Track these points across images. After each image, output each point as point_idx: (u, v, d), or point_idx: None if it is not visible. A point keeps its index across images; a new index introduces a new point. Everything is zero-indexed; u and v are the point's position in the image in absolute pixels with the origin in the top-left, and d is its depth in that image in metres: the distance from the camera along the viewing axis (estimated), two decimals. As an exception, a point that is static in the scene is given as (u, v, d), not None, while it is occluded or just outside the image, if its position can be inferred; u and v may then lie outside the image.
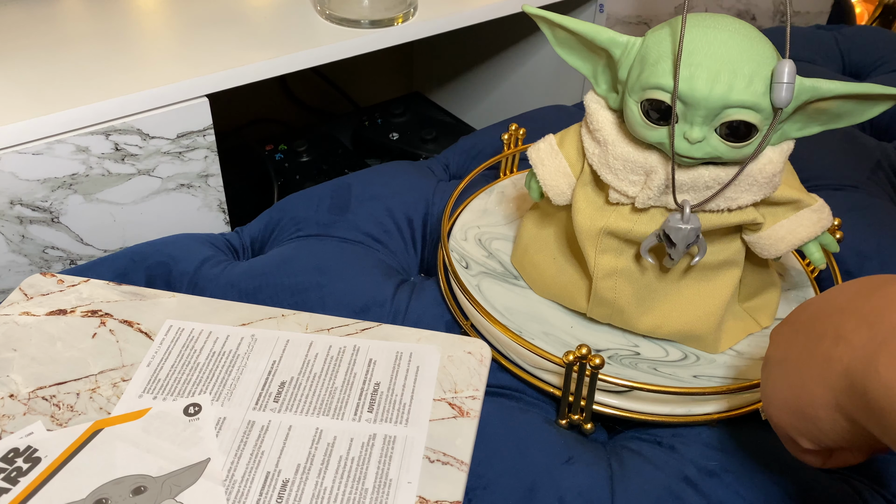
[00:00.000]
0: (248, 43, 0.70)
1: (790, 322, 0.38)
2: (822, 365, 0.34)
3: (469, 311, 0.53)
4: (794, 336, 0.37)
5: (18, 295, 0.50)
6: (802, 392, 0.35)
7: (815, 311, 0.37)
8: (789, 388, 0.36)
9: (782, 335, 0.38)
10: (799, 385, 0.35)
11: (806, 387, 0.35)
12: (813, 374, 0.34)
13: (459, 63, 1.17)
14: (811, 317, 0.36)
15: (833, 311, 0.35)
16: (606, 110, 0.47)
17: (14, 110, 0.58)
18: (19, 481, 0.39)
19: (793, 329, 0.37)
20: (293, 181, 0.93)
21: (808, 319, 0.37)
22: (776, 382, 0.37)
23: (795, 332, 0.37)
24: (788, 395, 0.36)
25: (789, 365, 0.36)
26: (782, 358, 0.37)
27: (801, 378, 0.35)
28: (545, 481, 0.43)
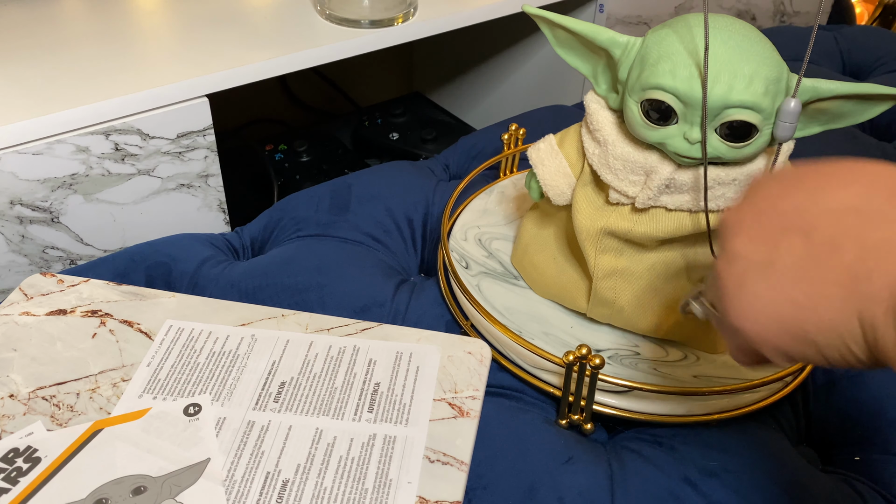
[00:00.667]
0: (248, 43, 0.70)
1: (763, 212, 0.32)
2: (847, 282, 0.28)
3: (469, 311, 0.53)
4: (780, 235, 0.31)
5: (18, 295, 0.50)
6: (811, 313, 0.30)
7: (803, 206, 0.31)
8: (787, 303, 0.30)
9: (757, 228, 0.32)
10: (805, 302, 0.30)
11: (818, 307, 0.29)
12: (831, 293, 0.29)
13: (459, 63, 1.17)
14: (801, 214, 0.31)
15: (837, 212, 0.29)
16: (606, 110, 0.47)
17: (14, 110, 0.58)
18: (19, 481, 0.39)
19: (774, 224, 0.31)
20: (293, 181, 0.93)
21: (797, 216, 0.31)
22: (761, 292, 0.31)
23: (783, 229, 0.31)
24: (785, 311, 0.30)
25: (784, 274, 0.30)
26: (767, 261, 0.31)
27: (810, 294, 0.29)
28: (545, 481, 0.43)
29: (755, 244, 0.32)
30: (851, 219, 0.29)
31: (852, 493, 0.45)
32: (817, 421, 0.51)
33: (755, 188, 0.33)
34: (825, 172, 0.31)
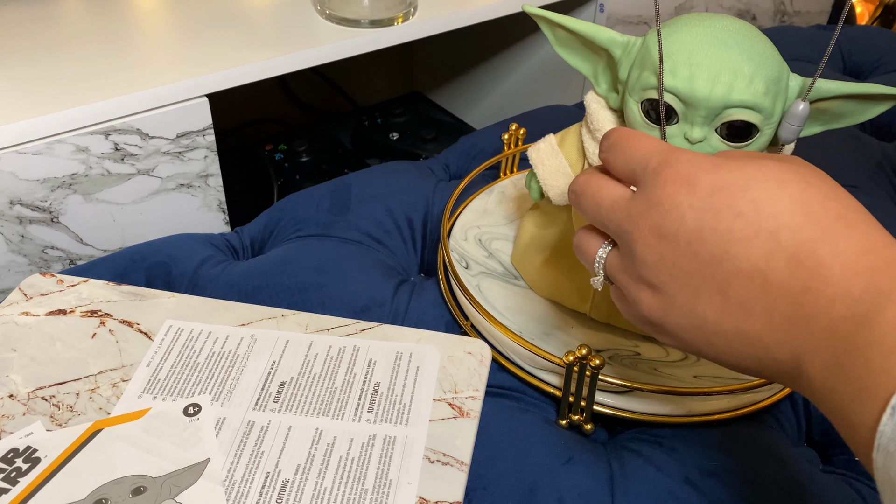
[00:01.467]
0: (248, 43, 0.70)
1: (681, 254, 0.32)
2: (760, 349, 0.31)
3: (469, 312, 0.53)
4: (700, 287, 0.32)
5: (18, 295, 0.50)
6: (744, 362, 0.32)
7: (717, 257, 0.31)
8: (722, 352, 0.33)
9: (678, 270, 0.32)
10: (734, 357, 0.32)
11: (744, 362, 0.32)
12: (752, 353, 0.31)
13: (459, 63, 1.17)
14: (717, 265, 0.31)
15: (746, 273, 0.30)
16: (607, 110, 0.47)
17: (14, 110, 0.58)
18: (19, 481, 0.39)
19: (693, 270, 0.32)
20: (293, 181, 0.93)
21: (713, 267, 0.31)
22: (697, 342, 0.33)
23: (702, 282, 0.32)
24: (722, 356, 0.33)
25: (710, 330, 0.32)
26: (690, 310, 0.32)
27: (737, 350, 0.32)
28: (545, 481, 0.43)
29: (677, 289, 0.32)
30: (757, 286, 0.30)
31: (852, 493, 0.45)
32: (817, 421, 0.51)
33: (675, 213, 0.32)
34: (736, 210, 0.31)
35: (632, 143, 0.35)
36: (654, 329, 0.35)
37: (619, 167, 0.35)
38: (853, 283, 0.28)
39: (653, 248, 0.33)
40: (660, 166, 0.33)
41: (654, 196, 0.33)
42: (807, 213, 0.30)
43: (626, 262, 0.35)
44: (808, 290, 0.29)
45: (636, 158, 0.34)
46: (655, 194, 0.33)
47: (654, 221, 0.32)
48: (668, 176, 0.32)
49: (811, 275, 0.29)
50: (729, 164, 0.32)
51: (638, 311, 0.35)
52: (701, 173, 0.32)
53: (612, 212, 0.35)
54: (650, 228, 0.33)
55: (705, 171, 0.32)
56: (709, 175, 0.32)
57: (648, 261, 0.33)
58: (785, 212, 0.30)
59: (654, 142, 0.35)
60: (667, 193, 0.32)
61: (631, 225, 0.33)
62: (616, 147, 0.36)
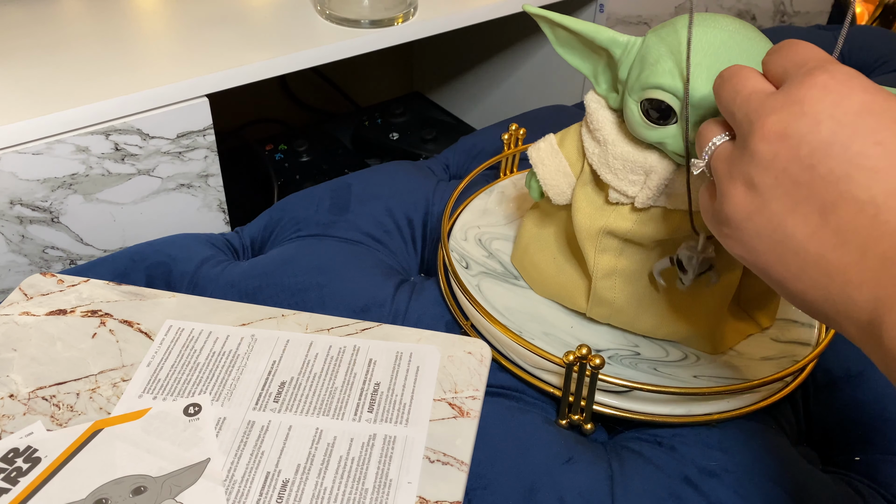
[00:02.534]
0: (248, 43, 0.70)
1: (796, 159, 0.30)
2: (839, 283, 0.29)
3: (469, 311, 0.53)
4: (801, 200, 0.30)
5: (18, 295, 0.50)
6: (811, 291, 0.31)
7: (834, 176, 0.29)
8: (790, 275, 0.31)
9: (783, 176, 0.31)
10: (803, 284, 0.31)
11: (813, 290, 0.31)
12: (825, 283, 0.30)
13: (459, 63, 1.17)
14: (829, 186, 0.30)
15: (860, 202, 0.29)
16: (606, 110, 0.47)
17: (14, 110, 0.58)
18: (19, 481, 0.39)
19: (802, 181, 0.30)
20: (293, 181, 0.93)
21: (824, 187, 0.30)
22: (771, 260, 0.32)
23: (806, 195, 0.30)
24: (786, 277, 0.31)
25: (790, 249, 0.31)
26: (778, 224, 0.31)
27: (809, 277, 0.30)
28: (545, 481, 0.43)
29: (775, 195, 0.31)
30: (865, 218, 0.28)
31: (852, 493, 0.45)
32: (817, 421, 0.51)
33: (810, 109, 0.30)
34: (878, 137, 0.29)
35: (798, 46, 0.33)
36: (727, 231, 0.33)
37: (776, 66, 0.33)
38: None
39: (770, 145, 0.31)
40: (816, 69, 0.31)
41: (797, 94, 0.31)
42: None
43: (737, 153, 0.33)
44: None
45: (796, 59, 0.32)
46: (800, 93, 0.30)
47: (784, 118, 0.30)
48: (821, 80, 0.30)
49: None
50: (889, 94, 0.30)
51: (722, 207, 0.33)
52: (857, 89, 0.30)
53: (747, 101, 0.33)
54: (777, 124, 0.31)
55: (863, 89, 0.30)
56: (865, 94, 0.30)
57: (759, 156, 0.31)
58: None
59: (819, 52, 0.32)
60: (811, 95, 0.30)
61: (758, 116, 0.31)
62: (781, 48, 0.33)
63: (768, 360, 0.50)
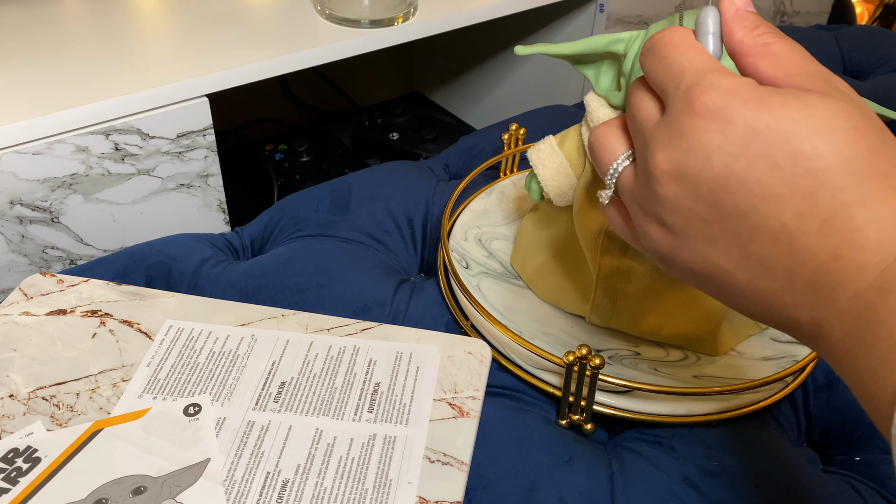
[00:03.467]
0: (248, 43, 0.70)
1: (702, 195, 0.29)
2: (777, 308, 0.29)
3: (469, 311, 0.53)
4: (719, 234, 0.29)
5: (18, 295, 0.50)
6: (749, 306, 0.30)
7: (745, 208, 0.28)
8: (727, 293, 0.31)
9: (697, 206, 0.29)
10: (741, 301, 0.30)
11: (755, 310, 0.30)
12: (766, 304, 0.29)
13: (459, 63, 1.17)
14: (743, 217, 0.28)
15: (772, 232, 0.28)
16: (607, 109, 0.47)
17: (14, 110, 0.58)
18: (19, 481, 0.39)
19: (713, 216, 0.29)
20: (293, 181, 0.93)
21: (737, 218, 0.28)
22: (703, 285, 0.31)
23: (721, 230, 0.29)
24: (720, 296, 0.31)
25: (723, 278, 0.30)
26: (704, 260, 0.30)
27: (748, 299, 0.30)
28: (545, 481, 0.43)
29: (691, 234, 0.30)
30: (782, 247, 0.28)
31: (852, 493, 0.45)
32: (817, 421, 0.51)
33: (706, 131, 0.28)
34: (772, 161, 0.27)
35: (670, 51, 0.31)
36: (660, 263, 0.33)
37: (652, 77, 0.31)
38: (887, 252, 0.26)
39: (669, 187, 0.29)
40: (691, 90, 0.29)
41: (679, 127, 0.29)
42: (852, 171, 0.27)
43: (641, 188, 0.31)
44: (838, 258, 0.27)
45: (669, 72, 0.30)
46: (682, 125, 0.29)
47: (674, 157, 0.29)
48: (700, 105, 0.28)
49: (843, 242, 0.26)
50: (772, 100, 0.28)
51: (646, 242, 0.32)
52: (738, 108, 0.28)
53: (641, 129, 0.31)
54: (670, 163, 0.29)
55: (744, 105, 0.28)
56: (748, 112, 0.27)
57: (662, 198, 0.30)
58: (827, 169, 0.27)
59: (694, 55, 0.30)
60: (694, 127, 0.28)
61: (651, 153, 0.30)
62: (652, 52, 0.31)
63: (768, 360, 0.50)
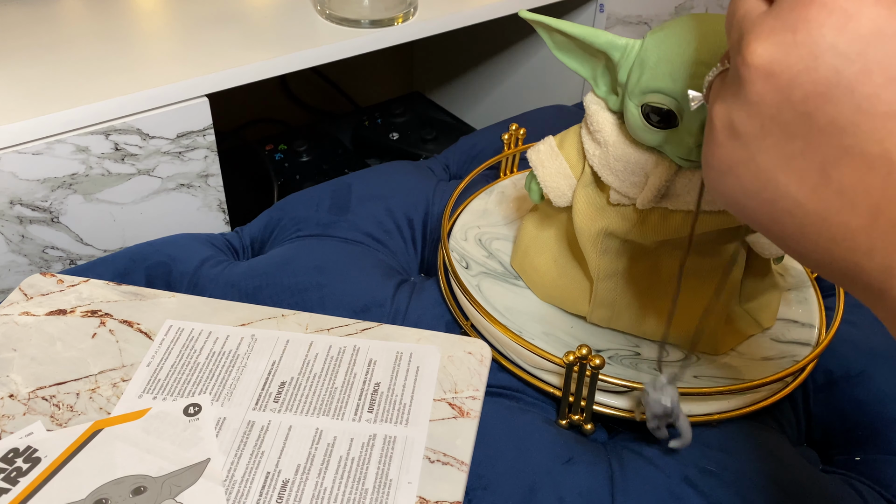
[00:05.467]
0: (248, 43, 0.70)
1: (803, 99, 0.24)
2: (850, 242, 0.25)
3: (469, 312, 0.53)
4: (807, 133, 0.24)
5: (18, 295, 0.50)
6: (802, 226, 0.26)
7: (848, 122, 0.23)
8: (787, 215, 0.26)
9: (787, 108, 0.24)
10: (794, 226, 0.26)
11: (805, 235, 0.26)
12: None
13: (459, 63, 1.17)
14: (841, 133, 0.24)
15: (871, 158, 0.23)
16: (606, 111, 0.47)
17: (14, 110, 0.58)
18: (19, 481, 0.39)
19: (801, 119, 0.24)
20: (293, 181, 0.93)
21: (834, 133, 0.24)
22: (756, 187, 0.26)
23: (810, 130, 0.24)
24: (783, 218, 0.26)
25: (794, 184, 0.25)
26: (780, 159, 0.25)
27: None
28: (545, 481, 0.43)
29: (762, 147, 0.25)
30: (876, 177, 0.23)
31: (852, 493, 0.45)
32: (817, 421, 0.51)
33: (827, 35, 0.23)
34: (893, 71, 0.23)
35: None
36: (711, 179, 0.28)
37: None
38: None
39: (756, 85, 0.25)
40: None
41: (789, 16, 0.24)
42: None
43: (727, 88, 0.27)
44: None
45: None
46: (793, 14, 0.24)
47: (772, 51, 0.24)
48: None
49: None
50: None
51: (705, 151, 0.28)
52: (868, 3, 0.23)
53: (740, 22, 0.26)
54: (765, 56, 0.24)
55: (876, 2, 0.23)
56: (878, 10, 0.23)
57: (744, 97, 0.25)
58: None
59: None
60: (807, 17, 0.23)
61: (745, 44, 0.25)
62: None
63: (768, 360, 0.50)
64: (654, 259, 0.48)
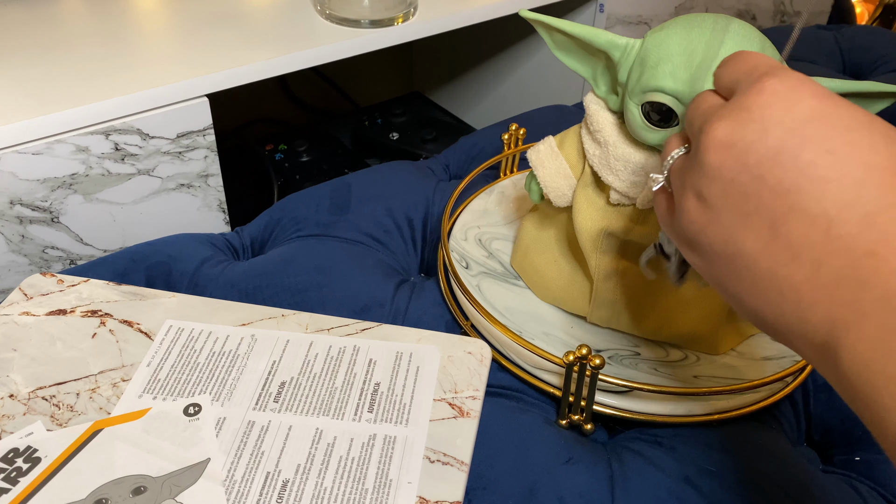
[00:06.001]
0: (248, 43, 0.70)
1: (744, 171, 0.29)
2: (792, 300, 0.28)
3: (469, 312, 0.53)
4: (751, 213, 0.29)
5: (18, 295, 0.50)
6: (767, 310, 0.30)
7: (783, 187, 0.28)
8: (745, 293, 0.30)
9: (734, 186, 0.29)
10: (758, 302, 0.30)
11: (769, 309, 0.29)
12: (781, 300, 0.29)
13: (459, 63, 1.17)
14: (777, 198, 0.28)
15: (810, 216, 0.27)
16: (606, 111, 0.47)
17: (14, 110, 0.58)
18: (19, 481, 0.39)
19: (751, 191, 0.29)
20: (293, 181, 0.93)
21: (773, 198, 0.28)
22: (723, 275, 0.31)
23: (756, 208, 0.29)
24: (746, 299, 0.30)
25: (745, 265, 0.30)
26: (730, 239, 0.30)
27: (764, 294, 0.29)
28: (545, 481, 0.43)
29: (724, 207, 0.30)
30: (817, 233, 0.27)
31: (852, 493, 0.45)
32: (817, 421, 0.51)
33: (755, 131, 0.29)
34: (829, 145, 0.27)
35: (748, 55, 0.32)
36: (686, 245, 0.33)
37: (726, 78, 0.32)
38: None
39: (716, 154, 0.30)
40: (765, 75, 0.29)
41: (745, 101, 0.29)
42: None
43: (689, 164, 0.32)
44: (872, 255, 0.26)
45: (745, 68, 0.31)
46: (748, 100, 0.29)
47: (731, 126, 0.29)
48: (770, 85, 0.29)
49: (882, 239, 0.26)
50: (840, 99, 0.28)
51: (679, 220, 0.32)
52: (807, 95, 0.28)
53: (704, 114, 0.32)
54: (724, 131, 0.29)
55: (812, 94, 0.28)
56: (815, 100, 0.28)
57: (707, 167, 0.30)
58: (881, 167, 0.27)
59: (769, 59, 0.32)
60: (759, 102, 0.29)
61: (708, 125, 0.30)
62: (730, 60, 0.33)
63: (768, 360, 0.50)
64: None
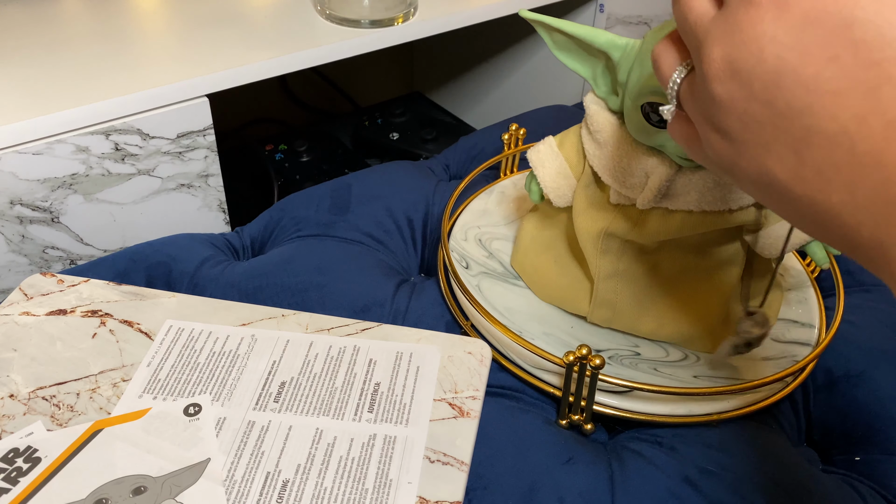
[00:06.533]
0: (248, 43, 0.70)
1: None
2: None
3: (469, 312, 0.53)
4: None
5: (18, 295, 0.50)
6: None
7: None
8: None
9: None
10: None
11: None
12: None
13: (459, 63, 1.17)
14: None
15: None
16: (606, 111, 0.47)
17: (14, 110, 0.58)
18: (19, 481, 0.39)
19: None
20: (293, 181, 0.93)
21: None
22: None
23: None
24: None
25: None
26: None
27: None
28: (545, 481, 0.43)
29: (747, 139, 0.27)
30: (841, 153, 0.24)
31: (852, 493, 0.45)
32: (817, 421, 0.51)
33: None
34: (830, 51, 0.24)
35: None
36: (726, 175, 0.30)
37: None
38: None
39: (723, 86, 0.27)
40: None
41: (735, 16, 0.26)
42: None
43: (699, 91, 0.29)
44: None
45: None
46: (738, 14, 0.26)
47: (728, 51, 0.26)
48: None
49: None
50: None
51: (708, 152, 0.30)
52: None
53: (694, 29, 0.28)
54: (724, 59, 0.26)
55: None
56: (805, 1, 0.24)
57: (718, 99, 0.27)
58: (893, 59, 0.23)
59: None
60: (749, 17, 0.26)
61: (705, 50, 0.27)
62: None
63: (768, 360, 0.50)
64: (655, 259, 0.49)
